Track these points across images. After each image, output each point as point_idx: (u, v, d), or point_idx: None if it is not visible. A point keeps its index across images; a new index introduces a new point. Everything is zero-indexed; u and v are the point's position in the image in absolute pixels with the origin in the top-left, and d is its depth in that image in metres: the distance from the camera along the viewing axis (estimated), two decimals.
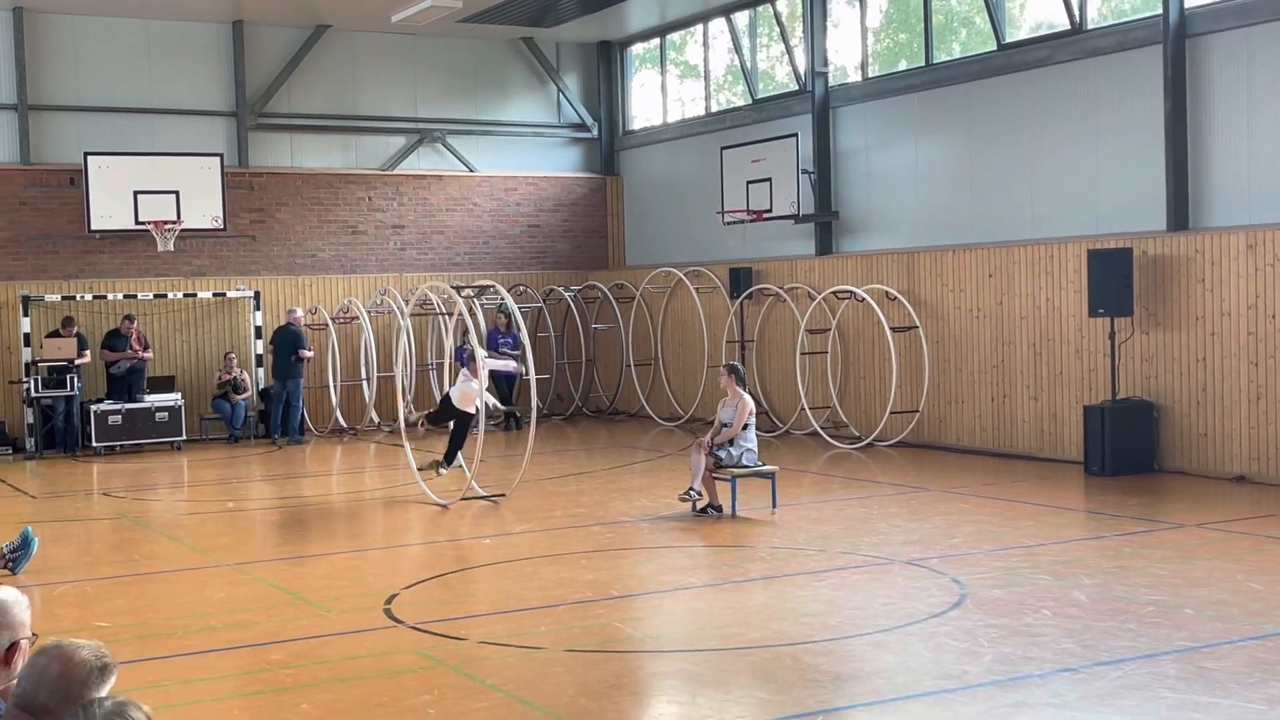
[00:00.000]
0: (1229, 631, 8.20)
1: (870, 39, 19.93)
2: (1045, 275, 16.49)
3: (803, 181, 19.95)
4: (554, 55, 24.73)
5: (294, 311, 21.26)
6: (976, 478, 15.28)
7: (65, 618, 9.36)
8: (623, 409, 24.10)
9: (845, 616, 8.97)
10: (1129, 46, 15.75)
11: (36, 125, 20.99)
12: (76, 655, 3.44)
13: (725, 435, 13.05)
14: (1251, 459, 14.29)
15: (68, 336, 19.99)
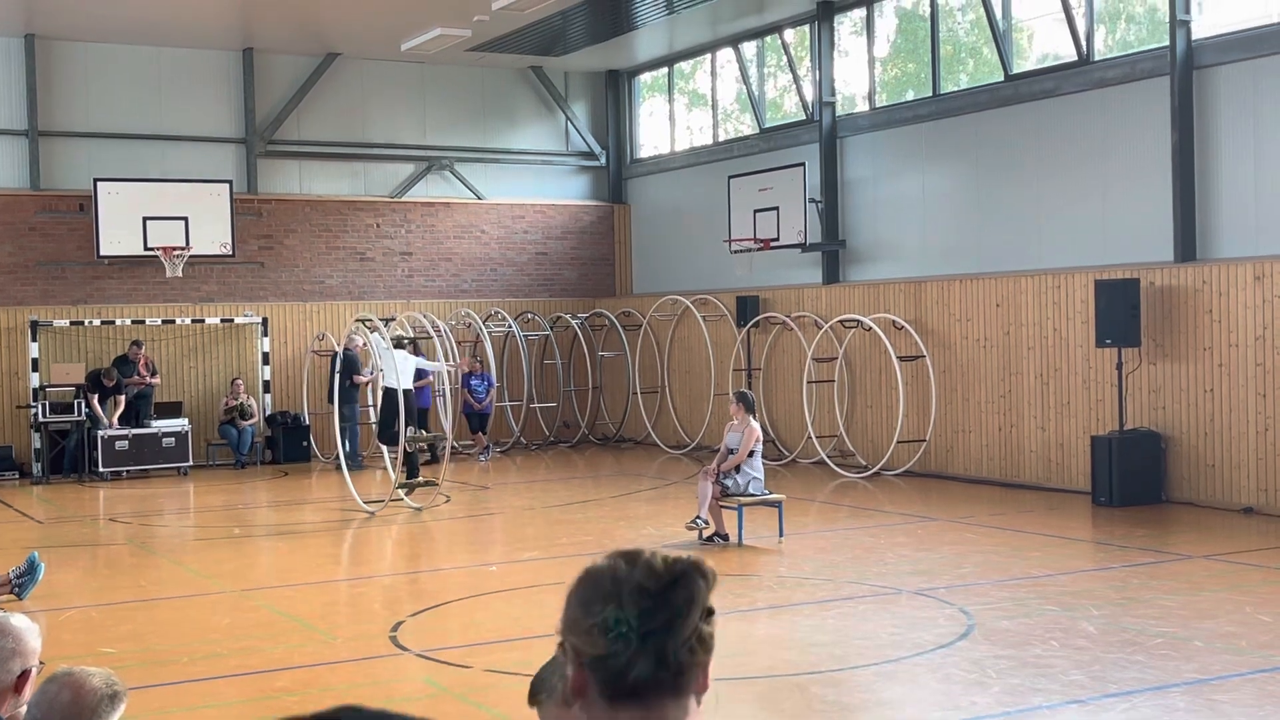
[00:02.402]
0: (1238, 664, 8.16)
1: (878, 69, 19.99)
2: (1052, 305, 16.49)
3: (810, 210, 19.98)
4: (562, 84, 24.82)
5: (353, 337, 20.87)
6: (984, 508, 15.25)
7: (71, 643, 9.35)
8: (629, 436, 24.08)
9: (852, 646, 8.95)
10: (1136, 78, 15.79)
11: (47, 151, 21.08)
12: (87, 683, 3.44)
13: (731, 461, 13.03)
14: (1259, 490, 14.25)
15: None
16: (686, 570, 1.99)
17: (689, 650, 1.98)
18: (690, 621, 1.98)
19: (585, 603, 2.01)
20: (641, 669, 1.96)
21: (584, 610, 2.01)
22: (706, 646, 2.01)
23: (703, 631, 2.00)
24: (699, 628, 1.99)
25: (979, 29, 18.60)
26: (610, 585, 2.00)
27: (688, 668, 1.98)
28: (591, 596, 2.01)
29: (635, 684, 1.96)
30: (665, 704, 1.98)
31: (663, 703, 1.98)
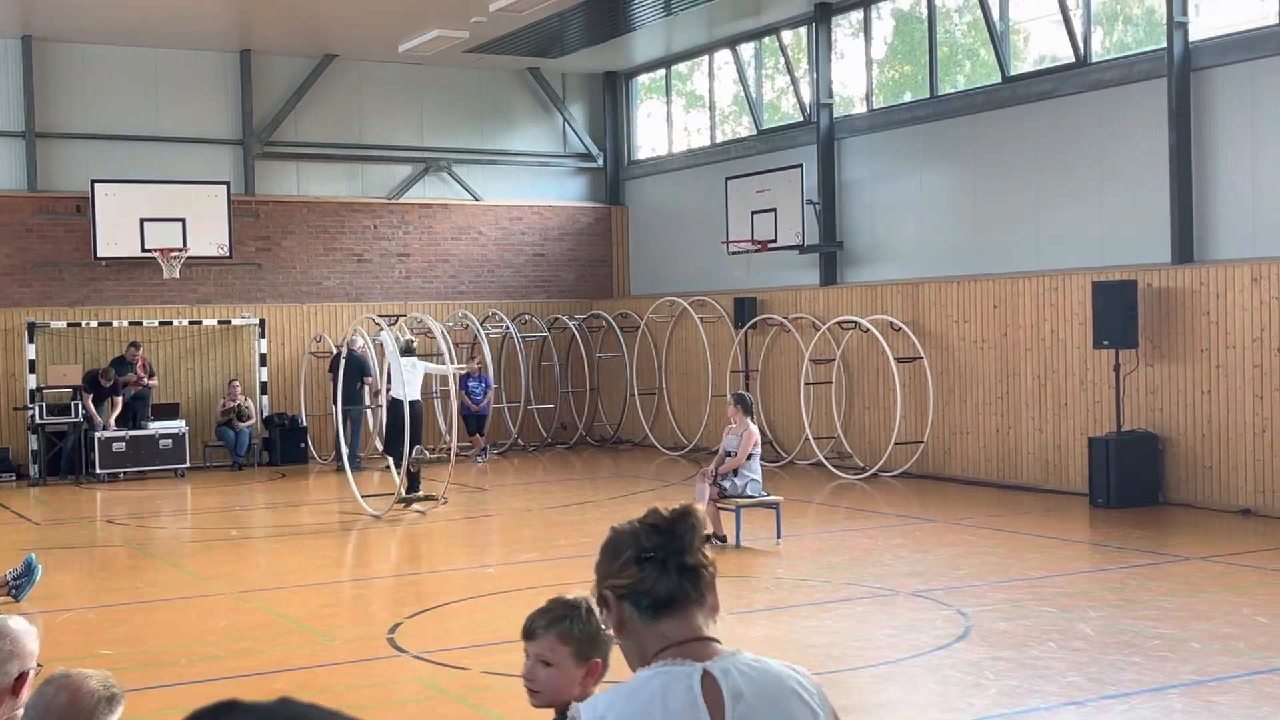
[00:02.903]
0: (1235, 665, 8.17)
1: (875, 71, 20.00)
2: (1050, 307, 16.50)
3: (807, 212, 19.98)
4: (560, 85, 24.82)
5: (356, 340, 20.92)
6: (981, 509, 15.26)
7: (69, 645, 9.34)
8: (627, 438, 24.08)
9: (850, 648, 8.95)
10: (1133, 79, 15.80)
11: (44, 152, 21.07)
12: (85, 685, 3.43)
13: (729, 465, 13.03)
14: (1257, 492, 14.26)
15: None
16: (684, 510, 2.59)
17: (701, 564, 2.52)
18: (696, 542, 2.55)
19: (614, 552, 2.56)
20: (668, 584, 2.49)
21: (614, 556, 2.55)
22: (712, 564, 2.55)
23: (706, 553, 2.56)
24: (703, 550, 2.55)
25: (976, 30, 18.61)
26: (630, 533, 2.56)
27: (702, 582, 2.51)
28: (618, 546, 2.56)
29: (668, 597, 2.49)
30: (692, 611, 2.49)
31: (690, 610, 2.49)
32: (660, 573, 2.50)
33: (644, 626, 2.51)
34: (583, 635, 3.26)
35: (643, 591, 2.50)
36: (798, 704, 2.48)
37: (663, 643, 2.49)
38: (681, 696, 2.42)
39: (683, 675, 2.44)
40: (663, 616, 2.50)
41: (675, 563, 2.51)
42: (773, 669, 2.50)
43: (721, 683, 2.43)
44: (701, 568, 2.53)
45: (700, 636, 2.49)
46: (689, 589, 2.50)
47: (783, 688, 2.49)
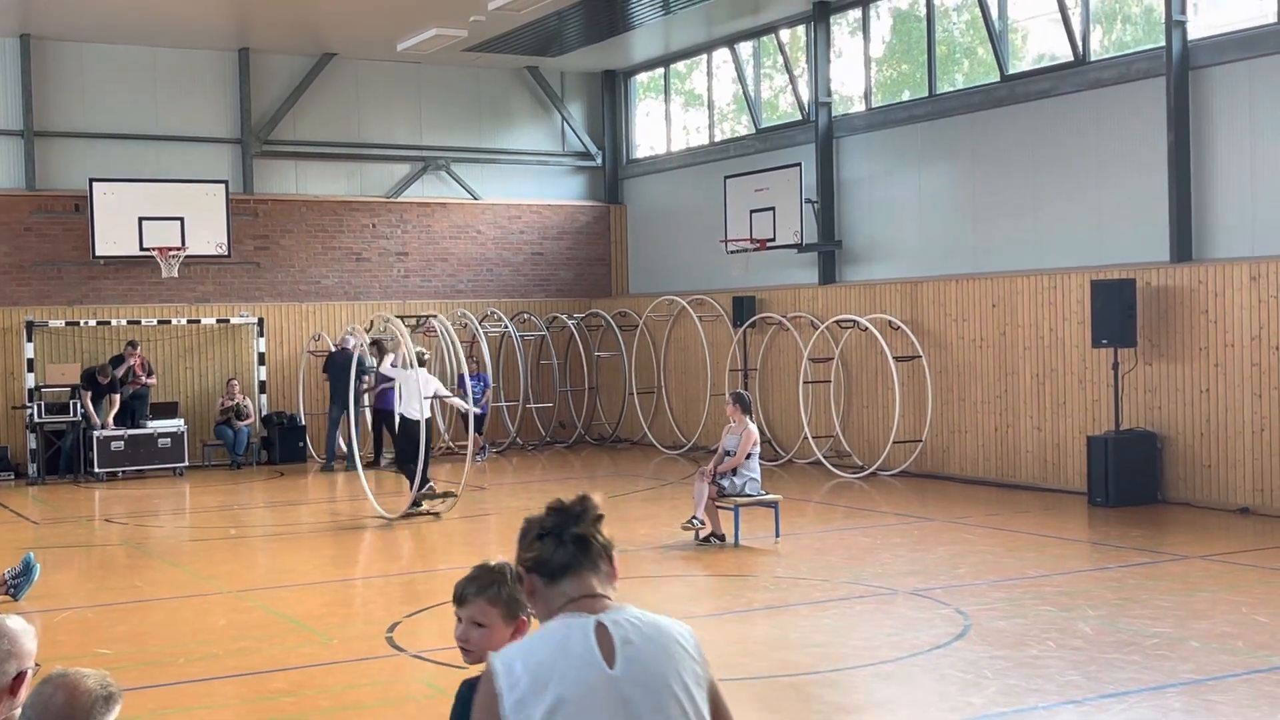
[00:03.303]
0: (1234, 664, 8.17)
1: (873, 69, 20.00)
2: (1049, 306, 16.50)
3: (806, 211, 19.98)
4: (558, 84, 24.82)
5: (348, 339, 20.94)
6: (980, 508, 15.26)
7: (67, 644, 9.34)
8: (625, 437, 24.08)
9: (849, 647, 8.95)
10: (1132, 78, 15.80)
11: (42, 151, 21.05)
12: (82, 684, 3.43)
13: (728, 464, 13.03)
14: (1255, 491, 14.26)
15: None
16: (583, 496, 3.08)
17: (591, 538, 3.01)
18: (587, 520, 3.03)
19: (524, 534, 3.09)
20: (563, 553, 3.00)
21: (524, 538, 3.08)
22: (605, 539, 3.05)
23: (599, 529, 3.04)
24: (596, 527, 3.03)
25: (974, 29, 18.61)
26: (536, 519, 3.09)
27: (594, 551, 3.01)
28: (527, 529, 3.10)
29: (564, 563, 2.99)
30: (587, 574, 2.99)
31: (585, 574, 2.99)
32: (557, 544, 3.00)
33: (547, 589, 2.99)
34: (509, 597, 3.57)
35: (544, 560, 2.99)
36: (677, 650, 2.94)
37: (563, 600, 2.97)
38: (580, 642, 2.87)
39: (580, 625, 2.90)
40: (561, 579, 2.99)
41: (569, 535, 3.00)
42: (657, 621, 2.97)
43: (613, 631, 2.89)
44: (590, 538, 3.01)
45: (594, 594, 2.96)
46: (581, 556, 2.99)
47: (665, 636, 2.96)
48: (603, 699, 2.82)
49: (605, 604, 2.96)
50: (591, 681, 2.83)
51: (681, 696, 2.89)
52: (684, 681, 2.91)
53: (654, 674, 2.89)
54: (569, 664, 2.85)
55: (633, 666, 2.88)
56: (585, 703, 2.81)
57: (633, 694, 2.85)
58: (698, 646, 3.00)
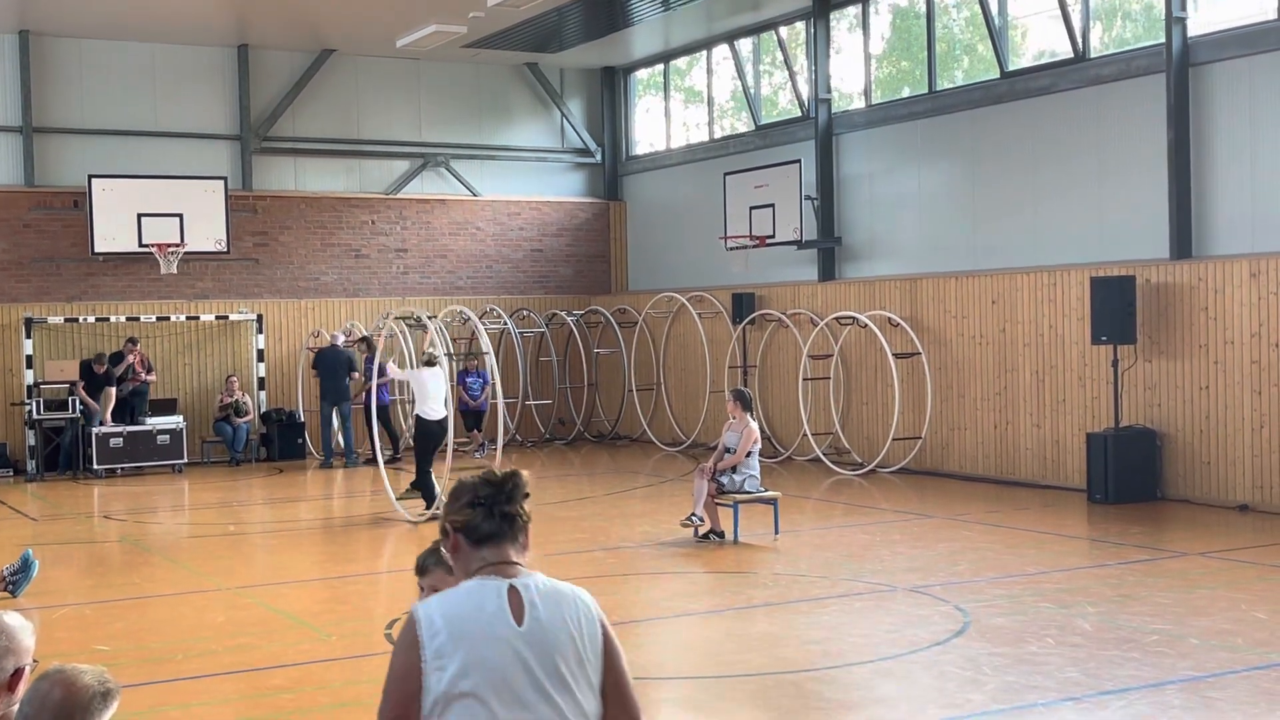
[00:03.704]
0: (1233, 661, 8.16)
1: (873, 66, 19.98)
2: (1048, 302, 16.49)
3: (806, 207, 19.97)
4: (558, 80, 24.80)
5: (337, 335, 21.22)
6: (979, 505, 15.25)
7: (65, 641, 9.34)
8: (625, 434, 24.08)
9: (848, 644, 8.94)
10: (1132, 75, 15.78)
11: (41, 148, 21.03)
12: (79, 680, 3.42)
13: (728, 462, 13.02)
14: (1255, 488, 14.26)
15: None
16: (511, 473, 3.42)
17: (516, 514, 3.37)
18: (516, 499, 3.38)
19: (457, 496, 3.41)
20: (490, 524, 3.36)
21: (456, 500, 3.40)
22: (527, 515, 3.41)
23: (524, 506, 3.39)
24: (522, 504, 3.38)
25: (974, 26, 18.60)
26: (470, 485, 3.41)
27: (516, 525, 3.37)
28: (460, 492, 3.41)
29: (489, 533, 3.35)
30: (506, 545, 3.36)
31: (505, 544, 3.36)
32: (486, 515, 3.35)
33: (470, 551, 3.35)
34: None
35: (473, 527, 3.35)
36: (577, 614, 3.30)
37: (481, 563, 3.34)
38: (493, 601, 3.26)
39: (495, 586, 3.29)
40: (484, 546, 3.35)
41: (498, 510, 3.35)
42: (560, 587, 3.34)
43: (523, 594, 3.28)
44: (516, 515, 3.37)
45: (510, 561, 3.35)
46: (505, 529, 3.35)
47: (566, 601, 3.32)
48: (509, 653, 3.21)
49: (518, 570, 3.34)
50: (501, 636, 3.23)
51: (576, 654, 3.27)
52: (579, 642, 3.29)
53: (554, 634, 3.26)
54: (483, 620, 3.24)
55: (537, 626, 3.25)
56: (494, 655, 3.20)
57: (535, 649, 3.23)
58: (596, 611, 3.35)
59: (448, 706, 3.17)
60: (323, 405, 21.03)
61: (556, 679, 3.24)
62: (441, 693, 3.18)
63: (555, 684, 3.24)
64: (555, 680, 3.24)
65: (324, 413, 21.07)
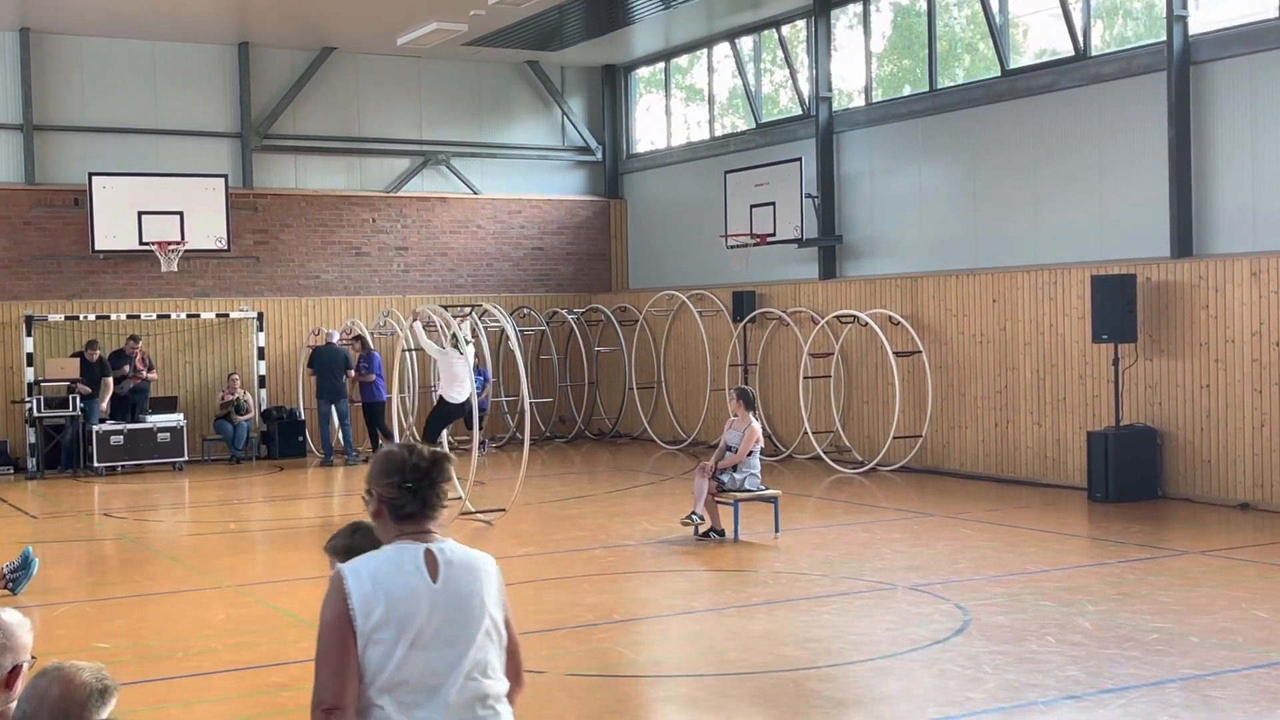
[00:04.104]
0: (1234, 659, 8.16)
1: (874, 64, 19.98)
2: (1049, 301, 16.48)
3: (806, 205, 19.97)
4: (559, 78, 24.79)
5: (333, 333, 21.27)
6: (980, 503, 15.25)
7: (65, 638, 9.34)
8: (625, 432, 24.07)
9: (848, 642, 8.94)
10: (1133, 73, 15.77)
11: (42, 145, 21.03)
12: (77, 677, 3.42)
13: (729, 461, 13.01)
14: (1255, 486, 14.25)
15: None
16: (439, 458, 3.82)
17: (437, 497, 3.80)
18: (439, 484, 3.80)
19: (387, 470, 3.79)
20: (414, 504, 3.77)
21: (385, 474, 3.78)
22: (446, 500, 3.85)
23: (445, 488, 3.82)
24: (443, 486, 3.81)
25: (975, 24, 18.59)
26: (400, 462, 3.78)
27: (435, 506, 3.80)
28: (390, 468, 3.79)
29: (412, 512, 3.78)
30: (423, 522, 3.78)
31: (424, 520, 3.79)
32: (412, 496, 3.76)
33: (392, 521, 3.78)
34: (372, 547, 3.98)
35: (398, 505, 3.76)
36: (484, 575, 3.78)
37: (401, 532, 3.78)
38: (411, 562, 3.70)
39: (412, 550, 3.73)
40: (405, 521, 3.78)
41: (422, 494, 3.77)
42: (470, 552, 3.81)
43: (437, 556, 3.73)
44: (437, 498, 3.80)
45: (427, 530, 3.79)
46: (427, 510, 3.78)
47: (475, 564, 3.80)
48: (425, 606, 3.66)
49: (433, 537, 3.79)
50: (418, 591, 3.67)
51: (483, 608, 3.75)
52: (485, 599, 3.77)
53: (464, 590, 3.73)
54: (402, 578, 3.68)
55: (449, 584, 3.71)
56: (412, 608, 3.65)
57: (447, 604, 3.69)
58: (499, 575, 3.84)
59: (368, 649, 3.62)
60: (320, 403, 21.04)
61: (463, 628, 3.71)
62: (365, 638, 3.62)
63: (462, 632, 3.71)
64: (462, 629, 3.71)
65: (322, 410, 21.08)
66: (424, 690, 3.63)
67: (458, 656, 3.68)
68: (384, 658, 3.61)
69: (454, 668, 3.67)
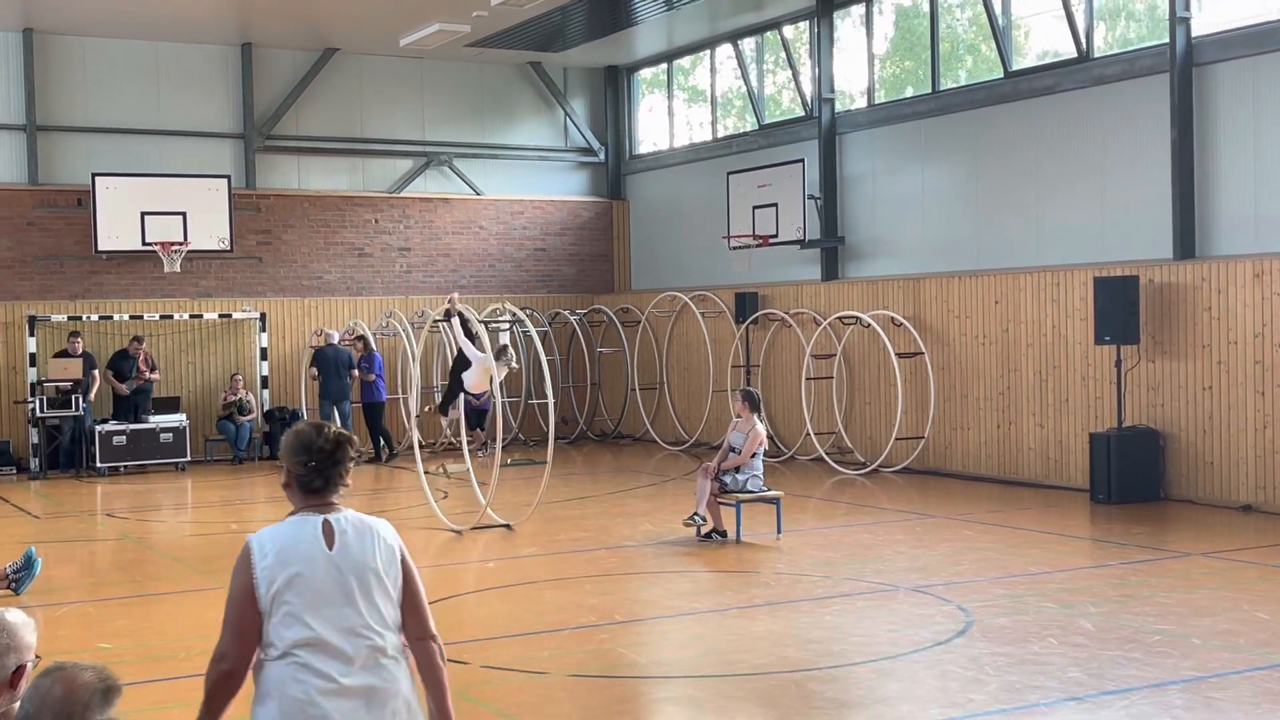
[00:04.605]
0: (1236, 661, 8.16)
1: (876, 66, 19.98)
2: (1051, 302, 16.48)
3: (809, 207, 19.97)
4: (561, 79, 24.80)
5: (334, 334, 21.32)
6: (982, 505, 15.25)
7: (68, 639, 9.34)
8: (628, 433, 24.07)
9: (849, 643, 8.94)
10: (1136, 75, 15.77)
11: (45, 146, 21.05)
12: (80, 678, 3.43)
13: (733, 462, 13.01)
14: (1258, 488, 14.25)
15: (74, 356, 19.97)
16: (342, 440, 4.29)
17: (339, 475, 4.29)
18: (342, 464, 4.28)
19: (295, 450, 4.27)
20: (318, 481, 4.27)
21: (294, 454, 4.27)
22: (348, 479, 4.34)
23: (348, 466, 4.31)
24: (346, 465, 4.29)
25: (978, 26, 18.58)
26: (308, 444, 4.26)
27: (337, 483, 4.28)
28: (299, 447, 4.27)
29: (316, 488, 4.27)
30: (325, 495, 4.28)
31: (325, 496, 4.28)
32: (316, 474, 4.25)
33: (300, 493, 4.28)
34: None
35: (305, 481, 4.26)
36: (379, 540, 4.26)
37: (304, 504, 4.28)
38: (311, 532, 4.20)
39: (312, 520, 4.23)
40: (310, 494, 4.27)
41: (326, 472, 4.26)
42: (366, 519, 4.29)
43: (334, 525, 4.22)
44: (339, 476, 4.28)
45: (328, 503, 4.27)
46: (329, 486, 4.27)
47: (370, 531, 4.28)
48: (323, 570, 4.15)
49: (333, 508, 4.27)
50: (316, 557, 4.16)
51: (376, 572, 4.21)
52: (378, 563, 4.22)
53: (359, 555, 4.20)
54: (303, 545, 4.17)
55: (345, 550, 4.19)
56: (311, 572, 4.13)
57: (344, 568, 4.17)
58: (394, 540, 4.31)
59: (273, 612, 4.11)
60: (323, 404, 21.06)
61: (360, 590, 4.17)
62: (269, 602, 4.12)
63: (359, 594, 4.16)
64: (359, 591, 4.17)
65: (324, 411, 21.09)
66: (327, 645, 4.09)
67: (355, 614, 4.13)
68: (289, 618, 4.09)
69: (352, 624, 4.12)
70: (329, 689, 4.05)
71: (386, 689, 4.16)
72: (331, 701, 4.04)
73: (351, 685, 4.08)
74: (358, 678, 4.09)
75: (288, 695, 4.05)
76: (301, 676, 4.06)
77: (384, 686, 4.15)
